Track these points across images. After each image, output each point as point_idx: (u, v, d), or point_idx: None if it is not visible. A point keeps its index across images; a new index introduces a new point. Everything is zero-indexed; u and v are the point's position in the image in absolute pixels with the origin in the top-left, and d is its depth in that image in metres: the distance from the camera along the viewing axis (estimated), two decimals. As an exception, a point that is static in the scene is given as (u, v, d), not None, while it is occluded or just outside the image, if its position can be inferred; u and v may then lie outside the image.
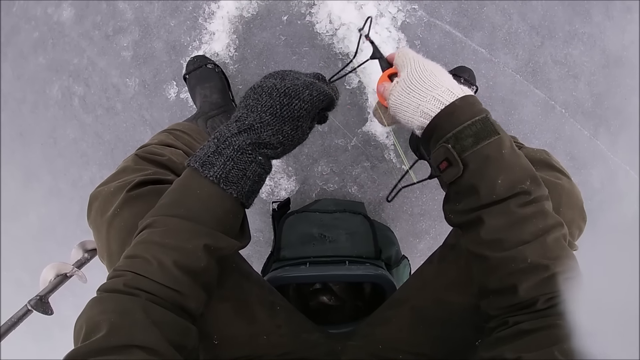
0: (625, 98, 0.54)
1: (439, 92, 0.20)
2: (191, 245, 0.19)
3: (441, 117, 0.20)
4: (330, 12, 0.48)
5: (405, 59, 0.22)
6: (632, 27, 0.52)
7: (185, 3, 0.51)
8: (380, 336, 0.27)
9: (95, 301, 0.18)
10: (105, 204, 0.24)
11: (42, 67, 0.58)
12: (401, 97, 0.21)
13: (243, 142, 0.20)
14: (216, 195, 0.20)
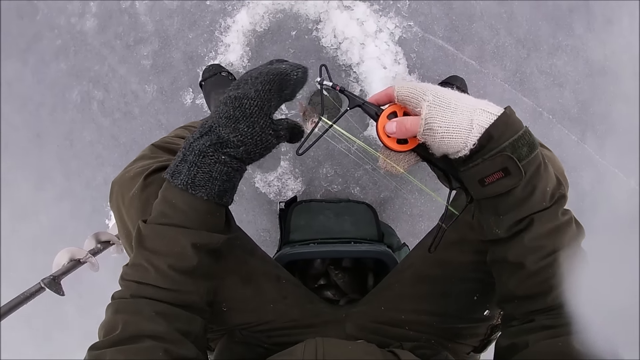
0: (609, 104, 0.62)
1: (482, 105, 0.20)
2: (179, 248, 0.22)
3: (498, 126, 0.20)
4: (335, 28, 0.57)
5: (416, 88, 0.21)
6: (612, 38, 0.60)
7: (203, 17, 0.60)
8: (383, 300, 0.30)
9: (110, 306, 0.22)
10: (125, 187, 0.27)
11: (63, 72, 0.67)
12: (446, 117, 0.20)
13: (203, 144, 0.22)
14: (188, 200, 0.22)
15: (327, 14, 0.57)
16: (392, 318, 0.29)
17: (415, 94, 0.21)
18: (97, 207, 0.70)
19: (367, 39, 0.57)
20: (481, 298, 0.27)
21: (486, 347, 0.30)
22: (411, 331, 0.29)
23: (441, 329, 0.29)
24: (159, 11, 0.62)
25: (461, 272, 0.28)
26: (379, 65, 0.57)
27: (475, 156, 0.21)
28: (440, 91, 0.21)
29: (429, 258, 0.30)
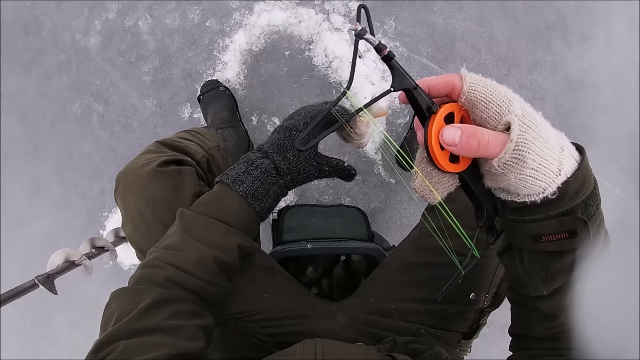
0: (589, 115, 0.67)
1: (564, 141, 0.16)
2: (227, 244, 0.24)
3: (577, 179, 0.16)
4: (326, 47, 0.63)
5: (499, 91, 0.15)
6: (589, 53, 0.65)
7: (203, 37, 0.67)
8: (372, 291, 0.32)
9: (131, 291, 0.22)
10: (134, 176, 0.29)
11: (65, 86, 0.72)
12: (540, 149, 0.15)
13: (268, 165, 0.25)
14: (244, 207, 0.25)
15: (319, 35, 0.64)
16: (381, 309, 0.31)
17: (497, 98, 0.15)
18: (92, 218, 0.73)
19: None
20: (466, 282, 0.29)
21: (476, 332, 0.31)
22: (401, 321, 0.30)
23: (430, 316, 0.30)
24: (160, 31, 0.68)
25: (445, 257, 0.28)
26: (368, 82, 0.63)
27: (539, 209, 0.16)
28: (528, 107, 0.16)
29: (414, 246, 0.32)
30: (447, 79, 0.17)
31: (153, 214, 0.29)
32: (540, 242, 0.18)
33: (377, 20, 0.64)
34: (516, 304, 0.23)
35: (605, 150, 0.69)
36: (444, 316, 0.30)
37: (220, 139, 0.47)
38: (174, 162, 0.31)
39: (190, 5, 0.67)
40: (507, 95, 0.16)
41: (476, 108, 0.16)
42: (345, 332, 0.31)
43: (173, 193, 0.30)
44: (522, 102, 0.16)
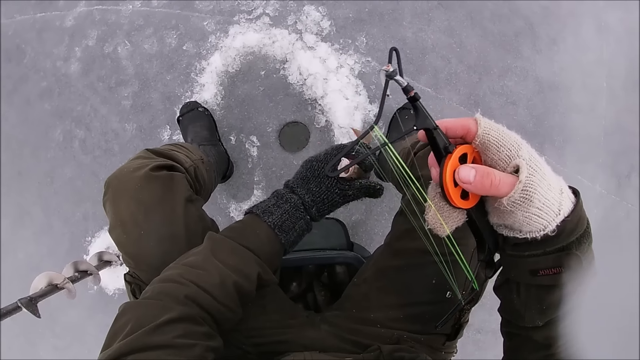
0: (564, 116, 0.70)
1: (562, 184, 0.18)
2: (249, 271, 0.26)
3: (573, 218, 0.18)
4: (300, 66, 0.68)
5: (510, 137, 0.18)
6: (559, 56, 0.70)
7: (180, 61, 0.71)
8: (353, 302, 0.33)
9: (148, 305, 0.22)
10: (127, 179, 0.30)
11: (47, 112, 0.75)
12: (545, 190, 0.17)
13: (297, 200, 0.28)
14: (271, 237, 0.27)
15: (293, 54, 0.69)
16: (363, 318, 0.32)
17: (508, 143, 0.18)
18: (76, 243, 0.75)
19: (329, 74, 0.67)
20: (439, 281, 0.30)
21: (459, 332, 0.32)
22: (382, 328, 0.31)
23: (410, 321, 0.31)
24: (139, 56, 0.73)
25: (416, 259, 0.30)
26: (342, 96, 0.68)
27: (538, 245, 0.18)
28: (534, 152, 0.18)
29: (386, 250, 0.34)
30: (464, 123, 0.19)
31: (145, 217, 0.30)
32: (538, 276, 0.20)
33: (349, 37, 0.70)
34: (510, 335, 0.25)
35: (582, 149, 0.74)
36: (423, 320, 0.31)
37: (203, 154, 0.49)
38: (165, 168, 0.33)
39: (167, 30, 0.73)
40: (516, 141, 0.18)
41: (488, 150, 0.19)
42: (330, 340, 0.32)
43: (165, 197, 0.31)
44: (528, 148, 0.18)
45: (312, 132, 0.70)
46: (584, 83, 0.74)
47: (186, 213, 0.32)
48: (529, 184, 0.18)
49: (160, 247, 0.30)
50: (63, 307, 0.76)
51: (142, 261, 0.31)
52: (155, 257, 0.30)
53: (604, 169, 0.76)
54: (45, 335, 0.80)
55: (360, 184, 0.29)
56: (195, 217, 0.33)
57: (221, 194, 0.71)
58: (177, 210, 0.31)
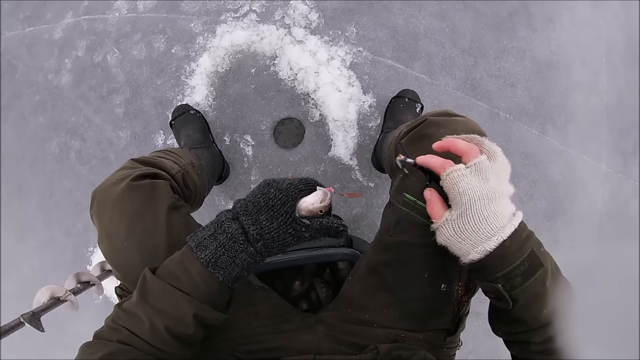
0: (564, 95, 0.68)
1: (491, 244, 0.21)
2: (181, 314, 0.23)
3: (492, 258, 0.22)
4: (290, 61, 0.65)
5: (456, 193, 0.22)
6: (556, 34, 0.67)
7: (170, 65, 0.69)
8: (347, 302, 0.32)
9: (88, 346, 0.23)
10: (109, 191, 0.29)
11: (42, 126, 0.74)
12: (450, 241, 0.23)
13: (235, 230, 0.23)
14: (205, 276, 0.24)
15: (282, 49, 0.66)
16: (358, 318, 0.31)
17: (452, 197, 0.23)
18: (78, 254, 0.75)
19: (320, 67, 0.65)
20: (432, 274, 0.29)
21: (459, 326, 0.31)
22: (379, 328, 0.30)
23: (406, 320, 0.30)
24: (128, 63, 0.71)
25: (406, 252, 0.29)
26: (334, 89, 0.65)
27: (476, 273, 0.24)
28: (470, 215, 0.22)
29: (377, 245, 0.32)
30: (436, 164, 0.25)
31: (127, 228, 0.29)
32: (487, 295, 0.25)
33: (338, 28, 0.67)
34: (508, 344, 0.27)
35: (585, 128, 0.71)
36: (420, 316, 0.30)
37: (195, 158, 0.47)
38: (148, 176, 0.32)
39: (155, 35, 0.71)
40: (455, 199, 0.23)
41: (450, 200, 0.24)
42: (325, 342, 0.31)
43: (147, 206, 0.30)
44: (470, 204, 0.23)
45: (307, 127, 0.68)
46: (583, 60, 0.71)
47: (169, 221, 0.30)
48: (440, 229, 0.24)
49: (142, 258, 0.29)
50: (71, 319, 0.75)
51: (127, 272, 0.30)
52: (138, 269, 0.28)
53: (608, 147, 0.73)
54: (55, 347, 0.79)
55: (320, 224, 0.25)
56: (179, 224, 0.31)
57: (219, 196, 0.69)
58: (160, 219, 0.30)
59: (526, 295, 0.23)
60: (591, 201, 0.71)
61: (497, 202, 0.23)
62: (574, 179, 0.70)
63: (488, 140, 0.24)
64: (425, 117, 0.32)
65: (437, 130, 0.30)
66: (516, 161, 0.68)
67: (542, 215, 0.69)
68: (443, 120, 0.30)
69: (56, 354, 0.79)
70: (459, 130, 0.29)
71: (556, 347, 0.23)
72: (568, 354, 0.21)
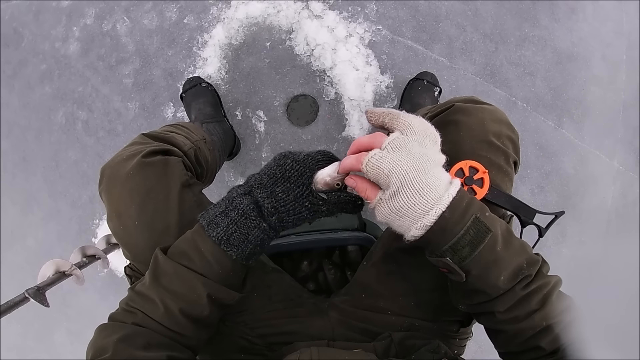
0: (582, 88, 0.65)
1: (429, 218, 0.20)
2: (195, 295, 0.22)
3: (434, 232, 0.20)
4: (307, 36, 0.62)
5: (383, 176, 0.20)
6: (578, 25, 0.64)
7: (181, 35, 0.66)
8: (362, 287, 0.30)
9: (103, 328, 0.22)
10: (119, 168, 0.28)
11: (48, 95, 0.71)
12: (389, 219, 0.21)
13: (247, 206, 0.22)
14: (218, 255, 0.23)
15: (299, 23, 0.62)
16: (372, 305, 0.30)
17: (381, 182, 0.21)
18: (84, 226, 0.72)
19: (338, 44, 0.61)
20: None
21: (472, 318, 0.30)
22: (393, 316, 0.29)
23: (421, 309, 0.29)
24: (139, 32, 0.67)
25: None
26: (351, 67, 0.61)
27: (431, 254, 0.22)
28: (402, 191, 0.20)
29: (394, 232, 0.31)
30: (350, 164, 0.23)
31: (138, 207, 0.28)
32: (440, 270, 0.23)
33: (358, 4, 0.63)
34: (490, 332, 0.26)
35: (601, 123, 0.68)
36: (435, 307, 0.29)
37: (206, 133, 0.45)
38: (160, 152, 0.30)
39: (167, 4, 0.66)
40: (382, 181, 0.21)
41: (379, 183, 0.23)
42: (338, 329, 0.30)
43: (159, 184, 0.28)
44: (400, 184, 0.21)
45: (321, 105, 0.64)
46: (604, 54, 0.68)
47: (181, 200, 0.29)
48: (376, 210, 0.22)
49: (153, 238, 0.28)
50: (75, 292, 0.73)
51: (138, 253, 0.29)
52: (148, 249, 0.27)
53: (623, 144, 0.70)
54: (59, 319, 0.77)
55: (338, 199, 0.23)
56: (192, 203, 0.30)
57: (228, 172, 0.66)
58: (172, 198, 0.28)
59: (478, 264, 0.21)
60: (601, 198, 0.69)
61: (428, 172, 0.21)
62: (585, 174, 0.67)
63: (404, 113, 0.22)
64: (452, 102, 0.30)
65: (464, 118, 0.28)
66: (530, 152, 0.66)
67: (552, 208, 0.66)
68: (471, 107, 0.28)
69: (59, 326, 0.77)
70: (486, 118, 0.27)
71: (524, 314, 0.22)
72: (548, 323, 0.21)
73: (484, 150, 0.27)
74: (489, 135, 0.27)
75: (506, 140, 0.28)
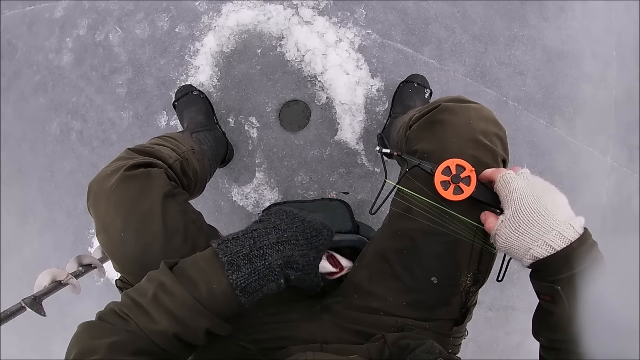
0: (573, 86, 0.65)
1: (551, 237, 0.21)
2: (195, 326, 0.23)
3: (557, 258, 0.21)
4: (297, 42, 0.62)
5: (507, 192, 0.23)
6: (567, 24, 0.64)
7: (173, 44, 0.66)
8: (354, 288, 0.31)
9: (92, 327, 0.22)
10: (104, 182, 0.29)
11: (42, 106, 0.71)
12: (510, 240, 0.23)
13: (276, 260, 0.23)
14: (229, 297, 0.23)
15: (289, 30, 0.63)
16: (364, 306, 0.30)
17: (503, 197, 0.25)
18: (80, 236, 0.72)
19: (328, 49, 0.62)
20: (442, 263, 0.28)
21: (466, 316, 0.30)
22: (386, 316, 0.29)
23: (413, 308, 0.29)
24: (131, 42, 0.67)
25: (416, 240, 0.29)
26: (342, 72, 0.62)
27: (536, 273, 0.23)
28: (521, 208, 0.23)
29: (386, 232, 0.31)
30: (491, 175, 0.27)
31: (123, 219, 0.28)
32: (540, 297, 0.24)
33: (347, 9, 0.63)
34: None
35: (593, 121, 0.68)
36: (427, 306, 0.29)
37: (196, 142, 0.45)
38: (143, 165, 0.31)
39: (158, 14, 0.67)
40: (510, 196, 0.24)
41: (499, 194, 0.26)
42: (331, 332, 0.30)
43: (142, 195, 0.29)
44: (518, 207, 0.23)
45: (313, 110, 0.65)
46: (594, 52, 0.68)
47: (164, 209, 0.29)
48: (496, 232, 0.24)
49: (139, 248, 0.28)
50: (72, 301, 0.72)
51: (126, 264, 0.29)
52: (136, 260, 0.28)
53: (615, 140, 0.70)
54: (56, 329, 0.76)
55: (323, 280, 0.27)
56: (176, 212, 0.30)
57: (222, 178, 0.66)
58: (155, 208, 0.29)
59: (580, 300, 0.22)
60: (596, 194, 0.69)
61: (546, 200, 0.23)
62: (579, 171, 0.67)
63: None
64: (439, 102, 0.30)
65: (450, 117, 0.28)
66: (523, 151, 0.66)
67: (547, 206, 0.66)
68: (457, 106, 0.29)
69: (57, 336, 0.76)
70: (472, 117, 0.28)
71: None
72: None
73: (471, 149, 0.27)
74: (475, 134, 0.27)
75: (494, 137, 0.28)
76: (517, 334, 0.68)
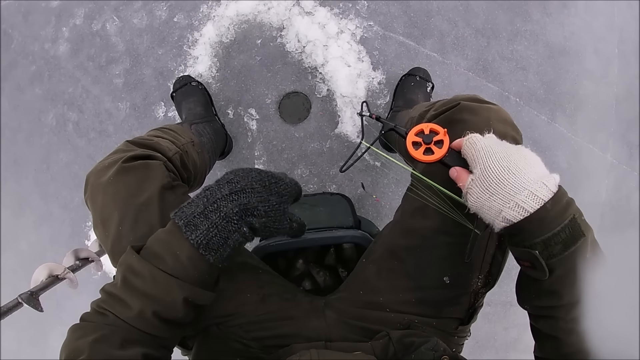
0: (575, 82, 0.65)
1: (522, 197, 0.20)
2: (170, 298, 0.22)
3: (531, 221, 0.20)
4: (298, 33, 0.61)
5: (474, 151, 0.22)
6: (570, 19, 0.64)
7: (172, 34, 0.65)
8: (359, 283, 0.30)
9: (77, 328, 0.22)
10: (101, 175, 0.28)
11: (38, 97, 0.70)
12: (480, 200, 0.21)
13: (231, 209, 0.21)
14: (194, 258, 0.22)
15: (290, 20, 0.62)
16: (370, 302, 0.30)
17: (471, 157, 0.23)
18: (76, 229, 0.71)
19: (329, 40, 0.61)
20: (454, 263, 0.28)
21: (473, 316, 0.30)
22: (392, 313, 0.29)
23: (421, 305, 0.29)
24: (129, 31, 0.66)
25: (429, 239, 0.28)
26: (343, 64, 0.61)
27: (512, 238, 0.22)
28: (490, 166, 0.21)
29: (397, 229, 0.31)
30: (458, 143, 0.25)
31: (120, 212, 0.28)
32: (519, 263, 0.23)
33: (349, 0, 0.62)
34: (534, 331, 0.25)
35: (594, 117, 0.68)
36: (436, 304, 0.29)
37: (195, 134, 0.45)
38: (142, 158, 0.30)
39: (156, 3, 0.65)
40: (478, 157, 0.22)
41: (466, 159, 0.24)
42: (335, 329, 0.29)
43: (140, 188, 0.28)
44: (487, 164, 0.22)
45: (313, 102, 0.64)
46: (595, 48, 0.67)
47: (162, 202, 0.29)
48: (467, 191, 0.23)
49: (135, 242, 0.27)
50: (69, 295, 0.71)
51: None
52: None
53: (615, 137, 0.70)
54: (53, 323, 0.76)
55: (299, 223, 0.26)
56: (174, 205, 0.29)
57: (221, 170, 0.66)
58: (153, 200, 0.28)
59: (565, 265, 0.21)
60: (595, 191, 0.69)
61: (516, 157, 0.21)
62: (579, 167, 0.67)
63: None
64: (457, 101, 0.30)
65: (471, 117, 0.28)
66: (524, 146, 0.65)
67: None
68: (477, 106, 0.29)
69: (54, 330, 0.76)
70: (492, 118, 0.28)
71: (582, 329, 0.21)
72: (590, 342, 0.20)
73: None
74: None
75: (511, 140, 0.27)
76: (515, 329, 0.68)
